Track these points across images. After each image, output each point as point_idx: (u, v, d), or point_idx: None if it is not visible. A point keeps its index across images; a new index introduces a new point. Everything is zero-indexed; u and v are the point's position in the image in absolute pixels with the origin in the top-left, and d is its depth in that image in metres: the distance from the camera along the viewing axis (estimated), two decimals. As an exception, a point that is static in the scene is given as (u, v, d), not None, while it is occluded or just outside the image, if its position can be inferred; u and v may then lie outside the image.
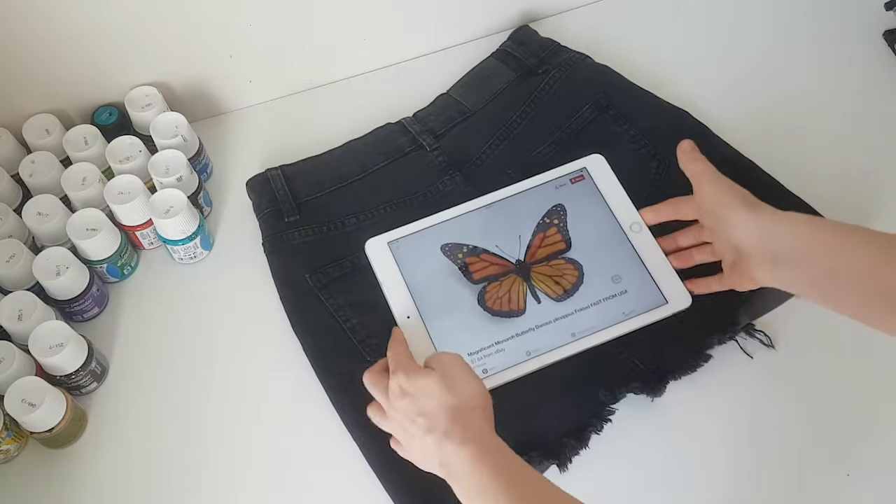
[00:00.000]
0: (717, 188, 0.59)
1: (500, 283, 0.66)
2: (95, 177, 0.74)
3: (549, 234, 0.68)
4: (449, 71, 0.86)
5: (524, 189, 0.70)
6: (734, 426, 0.66)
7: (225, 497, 0.65)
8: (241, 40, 0.81)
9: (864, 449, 0.64)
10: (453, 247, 0.67)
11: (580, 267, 0.67)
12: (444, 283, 0.66)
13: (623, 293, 0.66)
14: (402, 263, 0.67)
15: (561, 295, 0.66)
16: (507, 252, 0.67)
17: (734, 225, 0.58)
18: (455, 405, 0.53)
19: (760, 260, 0.57)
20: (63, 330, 0.66)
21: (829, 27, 0.88)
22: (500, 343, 0.64)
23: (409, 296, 0.66)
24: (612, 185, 0.70)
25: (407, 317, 0.65)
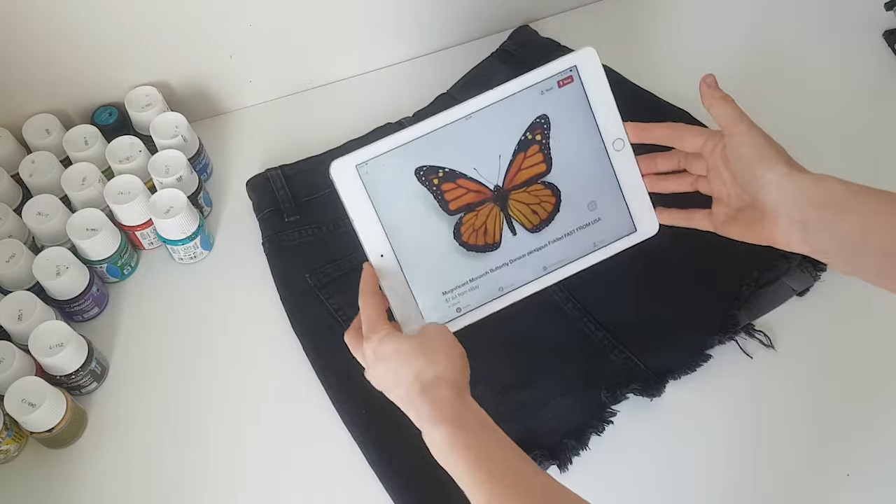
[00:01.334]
0: (755, 138, 0.55)
1: (477, 213, 0.61)
2: (95, 177, 0.74)
3: (530, 153, 0.62)
4: (449, 71, 0.86)
5: (508, 94, 0.61)
6: (734, 426, 0.66)
7: (224, 497, 0.65)
8: (241, 40, 0.81)
9: (864, 449, 0.64)
10: (428, 170, 0.60)
11: (558, 193, 0.62)
12: (418, 216, 0.60)
13: (596, 221, 0.63)
14: (372, 192, 0.59)
15: (537, 225, 0.62)
16: (485, 176, 0.62)
17: (770, 183, 0.54)
18: (428, 377, 0.51)
19: (790, 223, 0.53)
20: (63, 330, 0.66)
21: (829, 27, 0.88)
22: (475, 280, 0.62)
23: (381, 231, 0.59)
24: (602, 89, 0.62)
25: (381, 255, 0.60)
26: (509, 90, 0.61)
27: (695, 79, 0.86)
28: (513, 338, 0.69)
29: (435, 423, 0.50)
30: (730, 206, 0.58)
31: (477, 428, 0.50)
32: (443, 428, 0.49)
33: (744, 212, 0.57)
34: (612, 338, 0.69)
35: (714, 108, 0.58)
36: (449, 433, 0.49)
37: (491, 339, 0.69)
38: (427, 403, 0.50)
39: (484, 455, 0.48)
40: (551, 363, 0.68)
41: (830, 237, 0.52)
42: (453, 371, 0.52)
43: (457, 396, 0.51)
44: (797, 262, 0.70)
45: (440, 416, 0.50)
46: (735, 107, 0.57)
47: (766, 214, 0.54)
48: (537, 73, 0.61)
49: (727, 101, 0.57)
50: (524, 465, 0.49)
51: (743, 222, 0.57)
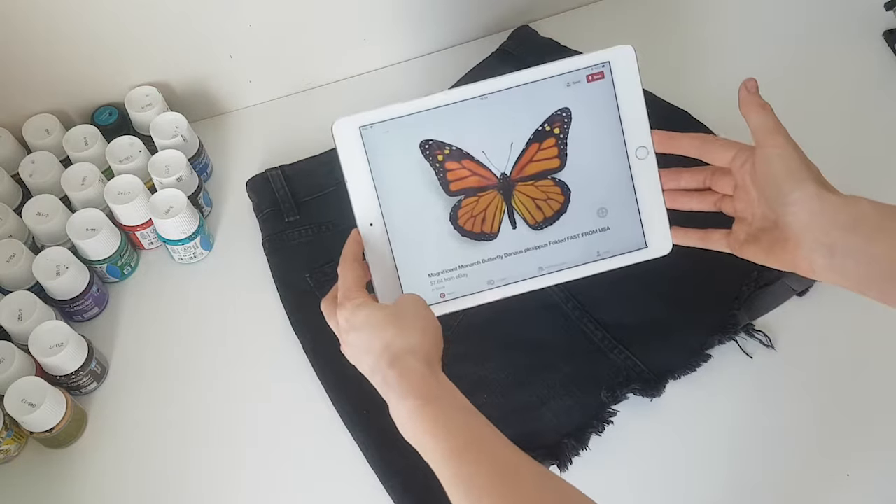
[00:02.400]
0: (789, 153, 0.52)
1: (478, 199, 0.59)
2: (95, 177, 0.74)
3: (545, 145, 0.59)
4: (449, 71, 0.86)
5: (531, 80, 0.57)
6: (734, 426, 0.66)
7: (224, 496, 0.65)
8: (241, 40, 0.81)
9: (864, 449, 0.64)
10: (434, 145, 0.58)
11: (568, 192, 0.59)
12: (416, 191, 0.58)
13: (605, 230, 0.60)
14: (372, 158, 0.57)
15: (540, 222, 0.60)
16: (493, 161, 0.59)
17: (797, 202, 0.50)
18: (398, 347, 0.49)
19: (815, 246, 0.50)
20: (63, 330, 0.66)
21: (829, 27, 0.88)
22: (464, 268, 0.59)
23: (375, 200, 0.57)
24: (633, 92, 0.59)
25: (370, 224, 0.57)
26: (534, 76, 0.58)
27: (694, 79, 0.86)
28: (513, 338, 0.69)
29: (402, 397, 0.48)
30: (752, 227, 0.55)
31: (445, 402, 0.48)
32: (410, 401, 0.47)
33: (766, 232, 0.53)
34: (612, 338, 0.69)
35: (750, 115, 0.54)
36: (416, 406, 0.47)
37: (491, 339, 0.69)
38: (395, 375, 0.48)
39: (451, 429, 0.47)
40: (551, 363, 0.68)
41: (860, 263, 0.49)
42: (425, 343, 0.50)
43: (427, 369, 0.49)
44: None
45: (408, 389, 0.48)
46: (773, 117, 0.54)
47: (789, 236, 0.51)
48: (566, 63, 0.58)
49: (765, 109, 0.54)
50: (492, 439, 0.47)
51: (764, 244, 0.54)
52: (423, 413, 0.47)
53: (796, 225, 0.51)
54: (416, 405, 0.47)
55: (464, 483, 0.45)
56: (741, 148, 0.55)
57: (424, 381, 0.48)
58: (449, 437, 0.46)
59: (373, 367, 0.50)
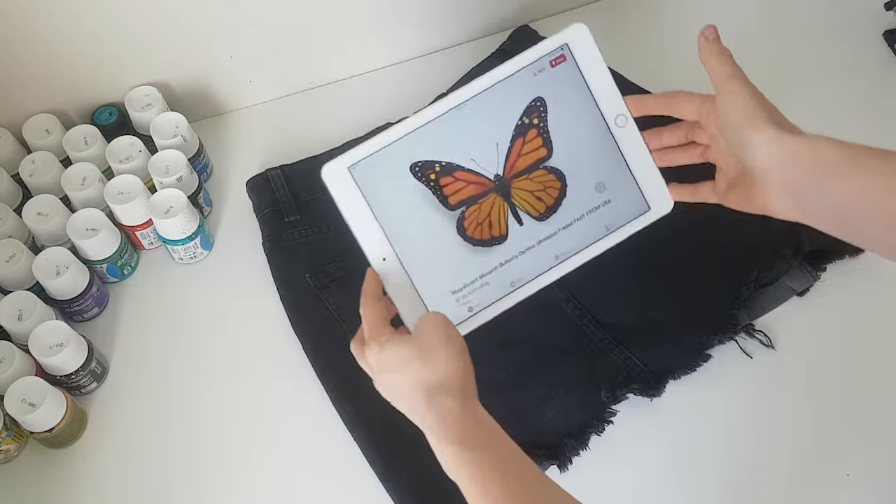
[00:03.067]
0: (745, 98, 0.52)
1: (480, 205, 0.59)
2: (95, 177, 0.74)
3: (528, 138, 0.59)
4: (449, 71, 0.86)
5: (499, 79, 0.58)
6: (734, 426, 0.66)
7: (224, 496, 0.65)
8: (241, 40, 0.81)
9: (864, 449, 0.64)
10: (424, 165, 0.58)
11: (563, 177, 0.60)
12: (418, 213, 0.58)
13: (607, 203, 0.60)
14: (368, 194, 0.57)
15: (543, 212, 0.60)
16: (484, 166, 0.59)
17: (756, 146, 0.50)
18: (430, 384, 0.49)
19: (781, 190, 0.50)
20: (63, 330, 0.66)
21: (829, 27, 0.88)
22: (485, 276, 0.59)
23: (381, 233, 0.57)
24: (597, 66, 0.59)
25: (383, 259, 0.57)
26: (500, 74, 0.58)
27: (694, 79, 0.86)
28: (513, 338, 0.69)
29: (441, 441, 0.48)
30: (729, 174, 0.55)
31: (483, 450, 0.48)
32: (449, 447, 0.47)
33: (740, 178, 0.53)
34: (612, 338, 0.69)
35: (709, 62, 0.54)
36: (455, 454, 0.47)
37: (491, 339, 0.69)
38: (433, 417, 0.48)
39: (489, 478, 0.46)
40: (551, 363, 0.68)
41: (823, 203, 0.48)
42: (456, 371, 0.49)
43: (462, 407, 0.48)
44: (797, 262, 0.70)
45: (447, 433, 0.48)
46: (731, 63, 0.53)
47: (756, 181, 0.51)
48: (527, 55, 0.58)
49: (724, 55, 0.53)
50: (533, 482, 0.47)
51: (740, 189, 0.53)
52: (462, 460, 0.47)
53: (760, 169, 0.51)
54: (454, 452, 0.47)
55: None
56: (704, 98, 0.55)
57: (462, 423, 0.48)
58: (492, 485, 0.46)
59: (410, 409, 0.50)
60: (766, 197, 0.51)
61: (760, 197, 0.51)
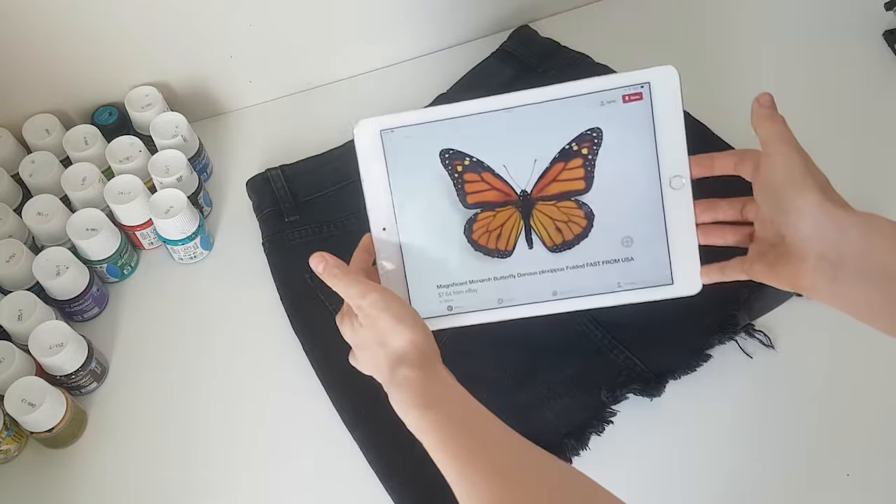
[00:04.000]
0: (792, 161, 0.48)
1: (495, 214, 0.57)
2: (95, 177, 0.74)
3: (571, 165, 0.56)
4: (449, 71, 0.86)
5: (563, 95, 0.55)
6: (734, 426, 0.66)
7: (224, 496, 0.65)
8: (241, 40, 0.81)
9: (864, 449, 0.64)
10: (454, 155, 0.56)
11: (591, 216, 0.56)
12: (432, 199, 0.56)
13: (628, 260, 0.57)
14: (391, 162, 0.55)
15: (558, 245, 0.57)
16: (514, 177, 0.56)
17: (798, 211, 0.47)
18: (389, 362, 0.50)
19: (819, 263, 0.46)
20: (63, 330, 0.66)
21: (829, 27, 0.88)
22: (475, 283, 0.57)
23: (390, 204, 0.56)
24: (673, 115, 0.55)
25: (383, 228, 0.56)
26: (566, 91, 0.55)
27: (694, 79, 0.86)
28: (512, 338, 0.69)
29: (405, 410, 0.49)
30: (762, 244, 0.51)
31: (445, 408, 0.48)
32: (412, 412, 0.48)
33: (773, 248, 0.50)
34: (612, 338, 0.69)
35: (760, 127, 0.51)
36: (418, 417, 0.48)
37: (491, 339, 0.69)
38: (395, 389, 0.50)
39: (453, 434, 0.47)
40: (551, 363, 0.68)
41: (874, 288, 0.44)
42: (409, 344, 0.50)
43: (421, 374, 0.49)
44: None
45: (409, 401, 0.49)
46: (782, 126, 0.50)
47: (792, 251, 0.47)
48: (603, 81, 0.55)
49: (775, 120, 0.50)
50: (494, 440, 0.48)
51: (769, 259, 0.50)
52: (424, 420, 0.48)
53: (798, 237, 0.47)
54: (417, 415, 0.48)
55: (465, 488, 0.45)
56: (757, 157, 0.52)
57: (423, 387, 0.49)
58: (451, 442, 0.47)
59: (383, 383, 0.52)
60: (798, 269, 0.47)
61: (792, 269, 0.48)
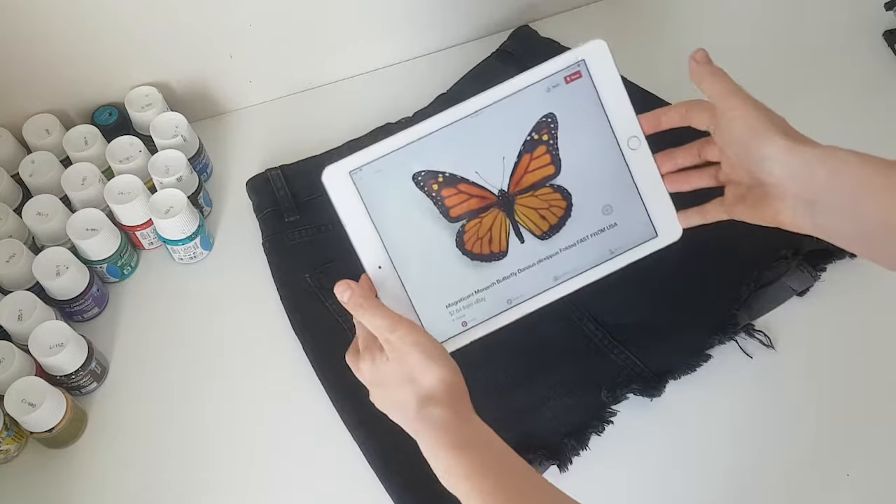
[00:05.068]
0: (747, 111, 0.50)
1: (481, 220, 0.58)
2: (95, 177, 0.74)
3: (536, 154, 0.57)
4: (449, 71, 0.86)
5: (510, 92, 0.56)
6: (734, 426, 0.66)
7: (224, 497, 0.65)
8: (241, 40, 0.81)
9: (864, 449, 0.64)
10: (427, 175, 0.56)
11: (569, 196, 0.58)
12: (417, 223, 0.57)
13: (612, 226, 0.59)
14: (368, 200, 0.56)
15: (546, 231, 0.58)
16: (488, 180, 0.57)
17: (768, 158, 0.49)
18: (419, 398, 0.49)
19: (796, 203, 0.48)
20: (63, 330, 0.66)
21: (829, 27, 0.88)
22: (480, 291, 0.58)
23: (379, 241, 0.56)
24: (614, 85, 0.57)
25: (378, 267, 0.56)
26: (512, 88, 0.57)
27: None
28: (512, 338, 0.69)
29: (434, 449, 0.48)
30: (740, 187, 0.54)
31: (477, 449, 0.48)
32: (442, 453, 0.48)
33: (751, 190, 0.52)
34: (612, 338, 0.69)
35: (704, 83, 0.53)
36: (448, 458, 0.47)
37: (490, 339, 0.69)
38: (424, 429, 0.49)
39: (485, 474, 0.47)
40: (551, 363, 0.68)
41: (846, 221, 0.47)
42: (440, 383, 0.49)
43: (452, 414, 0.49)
44: (797, 262, 0.70)
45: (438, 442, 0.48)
46: (727, 80, 0.52)
47: (769, 193, 0.50)
48: (542, 69, 0.57)
49: (717, 74, 0.52)
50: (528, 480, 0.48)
51: (750, 202, 0.52)
52: (455, 463, 0.47)
53: (773, 181, 0.49)
54: (447, 456, 0.47)
55: None
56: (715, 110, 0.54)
57: (453, 429, 0.48)
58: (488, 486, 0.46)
59: (404, 422, 0.51)
60: (778, 209, 0.50)
61: (772, 209, 0.50)
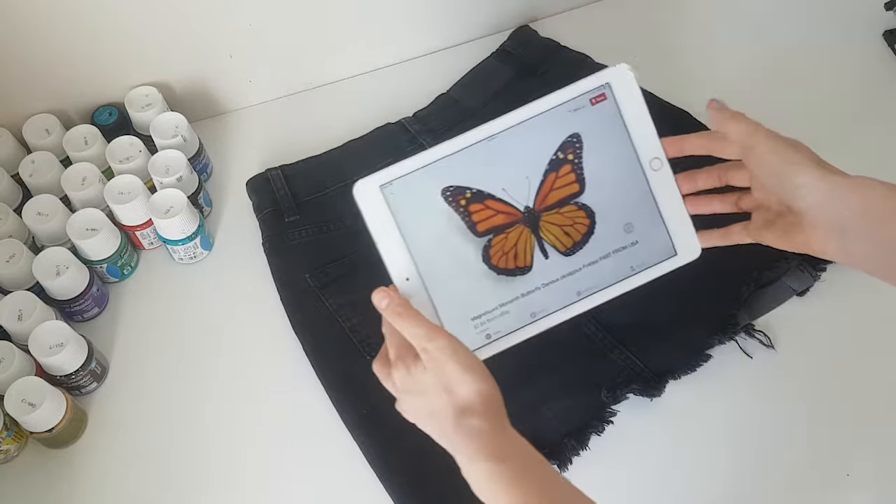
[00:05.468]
0: (776, 145, 0.53)
1: (507, 235, 0.59)
2: (95, 177, 0.74)
3: (561, 173, 0.60)
4: (449, 71, 0.86)
5: (536, 113, 0.59)
6: (734, 426, 0.66)
7: (224, 496, 0.65)
8: (240, 40, 0.81)
9: (864, 449, 0.64)
10: (455, 191, 0.58)
11: (592, 214, 0.60)
12: (445, 238, 0.59)
13: (634, 244, 0.61)
14: (398, 213, 0.57)
15: (570, 248, 0.60)
16: (514, 197, 0.59)
17: (802, 186, 0.51)
18: (457, 408, 0.49)
19: (827, 230, 0.51)
20: (63, 330, 0.66)
21: (829, 27, 0.88)
22: (505, 305, 0.59)
23: (407, 254, 0.58)
24: (637, 107, 0.60)
25: (406, 279, 0.58)
26: (538, 108, 0.59)
27: (694, 79, 0.86)
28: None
29: (472, 460, 0.48)
30: (769, 212, 0.56)
31: (517, 462, 0.48)
32: (480, 464, 0.47)
33: (781, 217, 0.54)
34: (612, 338, 0.69)
35: (729, 128, 0.55)
36: (488, 469, 0.47)
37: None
38: (461, 439, 0.48)
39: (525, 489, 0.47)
40: (551, 363, 0.68)
41: (871, 247, 0.49)
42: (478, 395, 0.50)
43: (491, 426, 0.49)
44: (797, 263, 0.70)
45: (476, 452, 0.48)
46: (747, 121, 0.54)
47: (802, 220, 0.52)
48: (568, 91, 0.59)
49: (737, 118, 0.55)
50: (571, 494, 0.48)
51: (779, 228, 0.55)
52: (496, 474, 0.47)
53: (807, 209, 0.51)
54: (487, 467, 0.47)
55: None
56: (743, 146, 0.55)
57: (492, 440, 0.48)
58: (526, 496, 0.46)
59: (438, 433, 0.51)
60: (810, 236, 0.52)
61: (804, 236, 0.52)
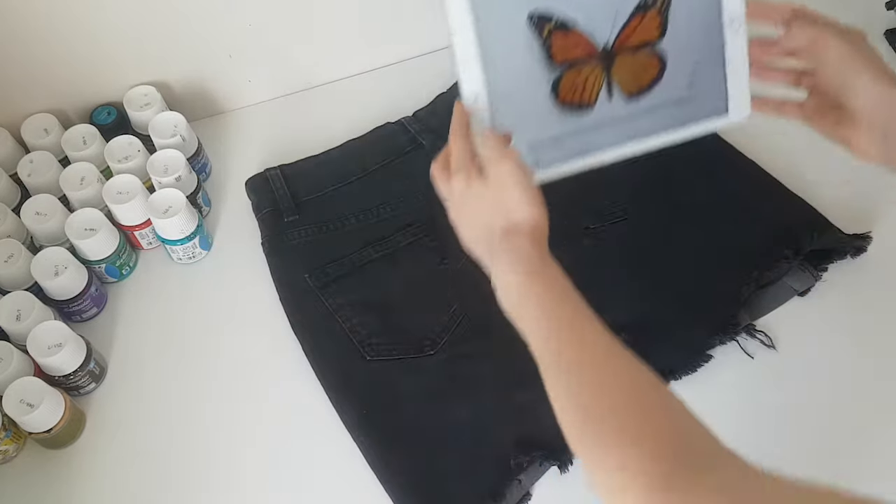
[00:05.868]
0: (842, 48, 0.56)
1: (580, 70, 0.60)
2: (94, 176, 0.74)
3: (647, 16, 0.60)
4: (449, 71, 0.85)
5: None
6: (734, 426, 0.66)
7: (224, 497, 0.65)
8: (240, 40, 0.81)
9: (864, 449, 0.64)
10: (542, 16, 0.59)
11: (664, 62, 0.62)
12: (520, 60, 0.60)
13: (692, 97, 0.63)
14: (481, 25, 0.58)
15: (635, 92, 0.62)
16: (597, 32, 0.60)
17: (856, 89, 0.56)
18: (506, 227, 0.52)
19: (871, 132, 0.56)
20: (61, 330, 0.66)
21: (829, 27, 0.88)
22: (560, 138, 0.61)
23: (481, 73, 0.59)
24: None
25: (475, 97, 0.59)
26: None
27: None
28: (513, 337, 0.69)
29: (507, 272, 0.51)
30: (825, 101, 0.59)
31: (547, 280, 0.51)
32: (513, 276, 0.50)
33: (835, 110, 0.58)
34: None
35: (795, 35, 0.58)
36: (519, 282, 0.50)
37: (491, 339, 0.69)
38: (504, 251, 0.51)
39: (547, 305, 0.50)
40: (551, 363, 0.68)
41: None
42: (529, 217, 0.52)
43: (534, 250, 0.51)
44: (798, 263, 0.70)
45: (514, 265, 0.50)
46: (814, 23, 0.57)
47: (853, 118, 0.56)
48: None
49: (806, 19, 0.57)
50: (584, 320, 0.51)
51: (830, 119, 0.58)
52: (525, 288, 0.50)
53: (858, 109, 0.56)
54: (521, 280, 0.50)
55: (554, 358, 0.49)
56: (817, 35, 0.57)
57: (531, 258, 0.51)
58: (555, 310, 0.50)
59: (483, 244, 0.53)
60: (855, 132, 0.56)
61: (850, 131, 0.57)
